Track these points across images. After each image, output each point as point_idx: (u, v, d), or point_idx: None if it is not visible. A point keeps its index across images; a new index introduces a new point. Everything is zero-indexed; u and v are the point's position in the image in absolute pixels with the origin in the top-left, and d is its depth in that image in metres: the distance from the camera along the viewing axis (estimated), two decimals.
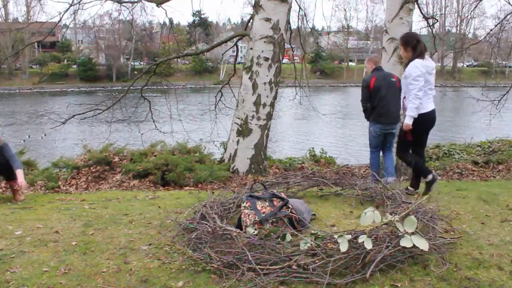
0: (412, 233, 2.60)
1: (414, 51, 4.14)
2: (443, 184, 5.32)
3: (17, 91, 44.12)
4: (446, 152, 8.95)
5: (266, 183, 4.03)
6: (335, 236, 2.64)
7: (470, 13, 38.35)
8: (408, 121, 4.20)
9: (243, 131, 6.69)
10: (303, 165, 7.85)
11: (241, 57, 26.49)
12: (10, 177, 4.72)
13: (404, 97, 4.35)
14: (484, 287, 2.44)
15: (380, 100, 5.06)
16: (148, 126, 9.50)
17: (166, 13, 9.15)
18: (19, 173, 4.63)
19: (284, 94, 14.47)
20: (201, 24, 56.35)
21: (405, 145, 4.43)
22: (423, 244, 2.55)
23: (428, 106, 4.24)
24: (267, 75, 6.57)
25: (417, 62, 4.11)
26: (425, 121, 4.26)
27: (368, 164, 9.10)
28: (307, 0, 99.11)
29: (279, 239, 2.82)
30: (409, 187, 4.54)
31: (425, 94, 4.21)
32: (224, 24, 67.33)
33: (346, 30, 60.08)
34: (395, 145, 5.22)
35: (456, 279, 2.49)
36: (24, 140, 18.16)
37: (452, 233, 3.17)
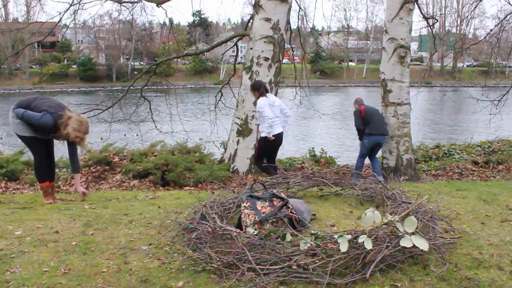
0: (412, 233, 2.60)
1: (259, 92, 5.73)
2: (443, 184, 5.33)
3: (17, 91, 44.09)
4: (446, 152, 8.95)
5: (266, 183, 4.02)
6: (335, 236, 2.64)
7: (470, 13, 38.25)
8: (268, 136, 5.67)
9: (243, 131, 6.69)
10: (303, 165, 7.85)
11: (241, 57, 26.48)
12: (53, 177, 4.62)
13: (258, 124, 5.97)
14: (484, 287, 2.44)
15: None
16: (148, 126, 9.50)
17: (166, 13, 9.16)
18: (77, 178, 4.52)
19: (284, 94, 14.46)
20: (201, 24, 56.29)
21: (261, 156, 5.97)
22: (423, 244, 2.55)
23: (275, 130, 5.67)
24: (267, 75, 6.57)
25: (260, 99, 5.68)
26: (273, 142, 5.70)
27: (369, 164, 9.10)
28: (307, 0, 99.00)
29: (279, 239, 2.81)
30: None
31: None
32: (224, 24, 67.29)
33: (346, 30, 60.04)
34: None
35: (456, 279, 2.49)
36: None
37: (452, 233, 3.17)
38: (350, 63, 60.33)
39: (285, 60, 8.90)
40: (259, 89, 5.82)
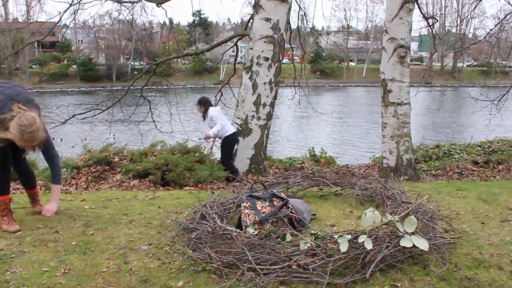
0: (412, 233, 2.60)
1: (205, 106, 6.74)
2: (443, 184, 5.32)
3: None
4: (446, 152, 8.95)
5: (266, 183, 4.02)
6: (335, 236, 2.64)
7: (470, 13, 38.26)
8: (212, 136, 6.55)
9: (243, 131, 6.70)
10: (303, 165, 7.85)
11: (241, 57, 26.47)
12: (28, 185, 3.87)
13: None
14: (484, 287, 2.44)
15: None
16: (148, 126, 9.51)
17: (166, 13, 9.16)
18: (54, 191, 3.55)
19: (284, 94, 14.48)
20: (201, 24, 56.32)
21: (228, 157, 6.63)
22: (423, 244, 2.55)
23: (231, 129, 6.53)
24: (267, 75, 6.57)
25: (211, 108, 6.70)
26: (233, 140, 6.59)
27: (369, 164, 9.03)
28: (307, 0, 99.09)
29: (279, 239, 2.82)
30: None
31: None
32: (224, 24, 67.32)
33: (346, 30, 60.04)
34: None
35: (456, 279, 2.49)
36: None
37: (452, 233, 3.17)
38: (350, 63, 60.34)
39: (285, 60, 8.90)
40: (205, 104, 6.76)
